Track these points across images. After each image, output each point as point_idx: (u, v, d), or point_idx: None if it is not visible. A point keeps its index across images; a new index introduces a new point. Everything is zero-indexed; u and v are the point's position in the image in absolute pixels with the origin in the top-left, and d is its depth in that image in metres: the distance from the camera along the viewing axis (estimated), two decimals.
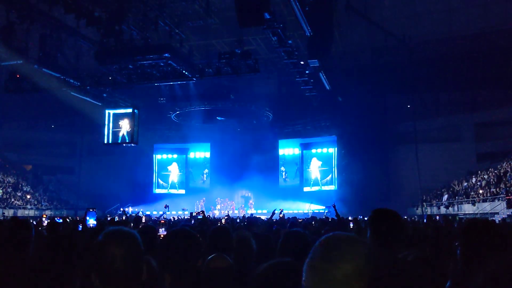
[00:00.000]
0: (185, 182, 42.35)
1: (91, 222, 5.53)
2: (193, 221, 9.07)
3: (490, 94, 35.85)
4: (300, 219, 13.94)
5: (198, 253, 2.24)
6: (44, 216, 9.93)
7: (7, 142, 42.46)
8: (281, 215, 17.39)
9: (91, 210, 5.92)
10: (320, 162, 38.15)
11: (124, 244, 1.67)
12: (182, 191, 41.57)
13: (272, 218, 10.68)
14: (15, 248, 2.73)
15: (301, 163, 39.46)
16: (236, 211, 35.29)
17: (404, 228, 2.83)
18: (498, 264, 1.32)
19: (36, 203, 36.59)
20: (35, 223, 12.09)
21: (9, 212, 30.63)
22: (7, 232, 2.90)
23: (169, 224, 6.98)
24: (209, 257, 2.75)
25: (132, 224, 9.93)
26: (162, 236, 4.22)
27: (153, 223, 11.50)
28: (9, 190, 35.74)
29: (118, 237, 1.68)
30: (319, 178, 38.00)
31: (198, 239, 2.27)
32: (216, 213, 34.84)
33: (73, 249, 2.69)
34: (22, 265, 2.63)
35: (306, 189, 38.19)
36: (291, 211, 29.42)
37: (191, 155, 42.79)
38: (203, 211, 13.98)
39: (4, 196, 34.04)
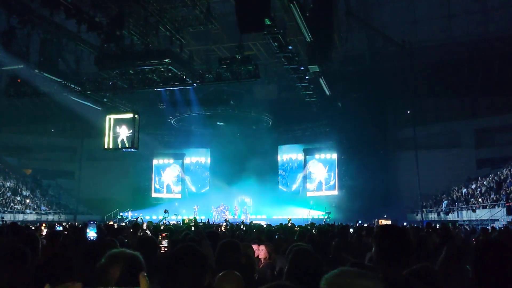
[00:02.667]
0: (184, 187, 42.33)
1: (92, 234, 5.50)
2: (192, 228, 9.03)
3: (490, 100, 35.90)
4: (297, 227, 13.83)
5: (206, 274, 2.17)
6: (44, 225, 9.85)
7: (7, 146, 42.43)
8: (289, 224, 17.25)
9: (91, 222, 5.90)
10: (325, 168, 38.15)
11: (127, 268, 1.66)
12: (179, 196, 41.56)
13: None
14: (18, 263, 2.71)
15: (304, 169, 39.44)
16: (236, 217, 35.19)
17: (412, 245, 2.74)
18: None
19: (35, 207, 36.51)
20: (33, 228, 12.06)
21: (9, 217, 30.54)
22: (12, 246, 2.88)
23: (171, 233, 6.92)
24: (220, 275, 2.61)
25: (131, 230, 9.88)
26: (163, 249, 4.15)
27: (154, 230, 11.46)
28: (8, 194, 35.67)
29: (121, 261, 1.67)
30: (323, 183, 37.99)
31: (206, 260, 2.20)
32: (216, 216, 34.79)
33: (73, 265, 2.66)
34: (23, 280, 2.61)
35: (309, 194, 38.20)
36: (290, 217, 29.33)
37: (191, 160, 42.80)
38: (195, 218, 13.94)
39: (4, 201, 33.96)
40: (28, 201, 36.65)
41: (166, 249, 4.16)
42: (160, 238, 4.25)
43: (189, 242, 2.78)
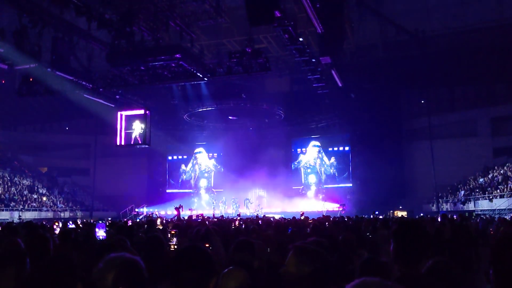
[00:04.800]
0: (198, 181, 42.44)
1: (101, 234, 5.45)
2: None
3: (506, 87, 35.26)
4: (311, 220, 13.72)
5: (211, 276, 2.06)
6: (56, 223, 9.90)
7: (22, 145, 42.97)
8: (302, 217, 17.09)
9: (100, 221, 5.87)
10: (339, 160, 37.87)
11: (125, 273, 1.58)
12: (194, 190, 41.70)
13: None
14: (20, 265, 2.65)
15: (318, 161, 39.21)
16: (251, 211, 35.16)
17: (430, 241, 2.65)
18: None
19: (51, 205, 36.93)
20: (48, 226, 12.12)
21: (26, 215, 30.94)
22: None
23: (182, 230, 6.86)
24: (224, 272, 2.51)
25: (146, 226, 9.86)
26: (173, 246, 4.08)
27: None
28: (25, 192, 36.12)
29: (118, 266, 1.59)
30: (337, 175, 37.79)
31: (211, 261, 2.08)
32: (231, 212, 34.80)
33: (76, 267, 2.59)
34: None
35: (323, 186, 38.06)
36: (305, 210, 29.26)
37: (204, 154, 42.83)
38: (202, 214, 13.86)
39: (21, 199, 34.40)
40: (44, 198, 37.08)
41: (175, 247, 4.09)
42: (169, 236, 4.19)
43: (197, 241, 2.70)
